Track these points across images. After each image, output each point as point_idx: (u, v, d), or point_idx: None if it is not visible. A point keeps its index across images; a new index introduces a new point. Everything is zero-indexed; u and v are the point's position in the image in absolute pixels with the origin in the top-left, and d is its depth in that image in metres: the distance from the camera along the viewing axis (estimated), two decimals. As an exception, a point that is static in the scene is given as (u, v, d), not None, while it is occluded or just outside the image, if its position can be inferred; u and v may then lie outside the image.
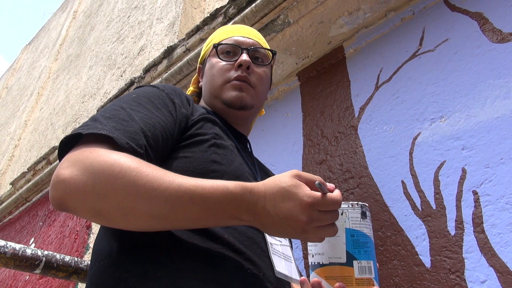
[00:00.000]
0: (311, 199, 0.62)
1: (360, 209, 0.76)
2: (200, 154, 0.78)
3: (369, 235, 0.75)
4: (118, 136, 0.66)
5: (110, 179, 0.59)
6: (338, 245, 0.72)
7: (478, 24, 1.29)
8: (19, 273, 2.77)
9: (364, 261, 0.72)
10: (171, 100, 0.82)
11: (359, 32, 1.65)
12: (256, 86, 1.00)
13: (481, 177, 1.08)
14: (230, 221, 0.65)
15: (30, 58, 7.23)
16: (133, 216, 0.60)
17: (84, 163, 0.61)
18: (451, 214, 1.09)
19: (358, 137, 1.44)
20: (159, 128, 0.74)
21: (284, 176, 0.66)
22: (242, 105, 0.96)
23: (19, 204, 3.46)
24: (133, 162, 0.61)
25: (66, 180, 0.60)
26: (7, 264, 0.87)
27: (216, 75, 0.99)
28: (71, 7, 6.62)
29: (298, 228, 0.63)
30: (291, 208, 0.62)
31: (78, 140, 0.68)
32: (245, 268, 0.71)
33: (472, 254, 1.02)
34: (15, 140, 5.04)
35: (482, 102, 1.17)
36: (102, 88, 3.58)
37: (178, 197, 0.60)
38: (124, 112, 0.73)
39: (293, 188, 0.63)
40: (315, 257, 0.74)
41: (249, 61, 0.98)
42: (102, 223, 0.63)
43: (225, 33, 1.06)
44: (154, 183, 0.60)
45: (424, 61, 1.38)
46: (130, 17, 3.96)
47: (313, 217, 0.62)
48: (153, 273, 0.64)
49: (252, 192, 0.64)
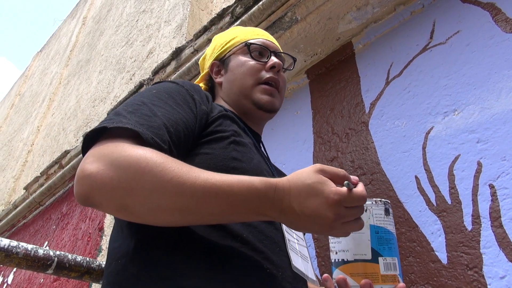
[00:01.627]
0: (337, 196, 0.61)
1: (384, 205, 0.75)
2: (220, 151, 0.78)
3: (392, 232, 0.75)
4: (143, 131, 0.65)
5: (136, 174, 0.58)
6: (363, 241, 0.72)
7: (490, 14, 1.26)
8: (33, 276, 2.80)
9: (389, 257, 0.72)
10: (191, 97, 0.82)
11: (368, 27, 1.63)
12: (281, 90, 1.03)
13: (497, 170, 1.05)
14: (256, 217, 0.65)
15: (41, 65, 7.34)
16: (159, 211, 0.60)
17: (110, 157, 0.60)
18: (467, 209, 1.07)
19: (370, 133, 1.42)
20: (181, 125, 0.74)
21: (308, 172, 0.64)
22: (273, 109, 0.99)
23: (32, 208, 3.50)
24: (159, 157, 0.61)
25: (92, 175, 0.59)
26: (19, 264, 0.87)
27: (248, 73, 0.99)
28: (80, 13, 6.71)
29: (325, 225, 0.62)
30: (317, 205, 0.61)
31: (101, 135, 0.67)
32: (264, 267, 0.69)
33: (490, 249, 0.99)
34: (28, 146, 5.11)
35: (497, 94, 1.14)
36: (112, 92, 3.61)
37: (204, 192, 0.60)
38: (147, 107, 0.72)
39: (319, 185, 0.62)
40: (339, 254, 0.74)
41: (281, 64, 1.01)
42: (127, 218, 0.63)
43: (251, 33, 1.07)
44: (180, 178, 0.59)
45: (435, 54, 1.36)
46: (138, 21, 3.99)
47: (340, 214, 0.61)
48: (173, 272, 0.64)
49: (277, 189, 0.63)
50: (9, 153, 5.76)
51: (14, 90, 8.02)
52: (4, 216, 3.76)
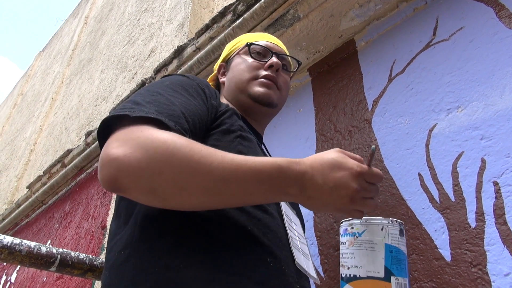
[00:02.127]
0: (360, 168, 0.66)
1: (399, 226, 0.77)
2: (227, 143, 0.79)
3: (405, 253, 0.76)
4: (166, 119, 0.66)
5: (164, 156, 0.59)
6: (377, 259, 0.72)
7: (494, 10, 1.25)
8: (36, 274, 2.80)
9: (401, 278, 0.73)
10: (202, 90, 0.83)
11: (371, 24, 1.62)
12: (282, 89, 1.04)
13: (501, 167, 1.05)
14: (278, 196, 0.66)
15: (43, 65, 7.35)
16: (187, 193, 0.60)
17: (136, 141, 0.60)
18: (471, 206, 1.06)
19: (372, 130, 1.41)
20: (197, 115, 0.75)
21: (330, 151, 0.69)
22: (269, 102, 0.99)
23: (35, 207, 3.50)
24: (184, 139, 0.62)
25: (120, 158, 0.58)
26: (22, 261, 0.87)
27: (245, 70, 1.01)
28: (82, 12, 6.71)
29: (347, 197, 0.65)
30: (342, 176, 0.65)
31: (121, 122, 0.66)
32: (268, 261, 0.70)
33: (494, 246, 0.98)
34: (30, 145, 5.12)
35: (501, 90, 1.13)
36: (114, 91, 3.61)
37: (232, 171, 0.61)
38: (163, 97, 0.72)
39: (343, 159, 0.66)
40: (351, 269, 0.74)
41: (280, 63, 1.02)
42: (154, 202, 0.62)
43: (256, 37, 1.10)
44: (208, 159, 0.60)
45: (438, 51, 1.35)
46: (140, 20, 3.99)
47: (362, 186, 0.66)
48: (176, 264, 0.63)
49: (299, 164, 0.66)
50: (12, 153, 5.78)
51: (17, 90, 8.04)
52: (7, 215, 3.77)
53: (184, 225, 0.67)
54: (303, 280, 0.78)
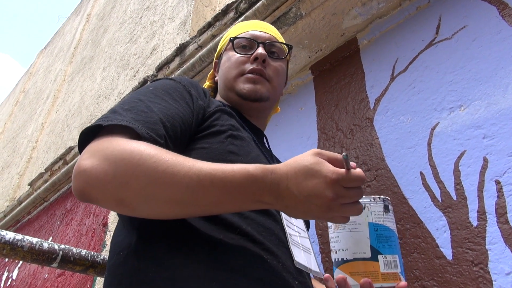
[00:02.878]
0: (335, 175, 0.60)
1: (383, 202, 0.74)
2: (217, 145, 0.78)
3: (392, 229, 0.73)
4: (138, 127, 0.65)
5: (130, 167, 0.59)
6: (362, 240, 0.71)
7: (497, 9, 1.25)
8: (38, 271, 2.81)
9: (389, 255, 0.71)
10: (188, 92, 0.82)
11: (373, 22, 1.62)
12: (272, 80, 1.00)
13: (503, 166, 1.04)
14: (253, 205, 0.64)
15: (45, 62, 7.36)
16: (155, 203, 0.60)
17: (104, 152, 0.60)
18: (472, 205, 1.06)
19: (374, 129, 1.41)
20: (178, 119, 0.74)
21: (305, 155, 0.64)
22: (257, 97, 0.96)
23: (37, 204, 3.51)
24: (152, 149, 0.61)
25: (87, 170, 0.59)
26: (24, 257, 0.88)
27: (231, 67, 0.99)
28: (84, 10, 6.72)
29: (323, 206, 0.61)
30: (315, 185, 0.60)
31: (97, 132, 0.67)
32: (264, 258, 0.69)
33: (496, 245, 0.98)
34: (32, 142, 5.13)
35: (504, 89, 1.13)
36: (116, 88, 3.62)
37: (199, 181, 0.59)
38: (143, 104, 0.72)
39: (316, 166, 0.61)
40: (339, 253, 0.73)
41: (265, 54, 0.98)
42: (124, 212, 0.63)
43: (242, 28, 1.07)
44: (174, 169, 0.59)
45: (441, 49, 1.35)
46: (142, 17, 3.99)
47: (339, 193, 0.60)
48: (173, 263, 0.64)
49: (273, 173, 0.63)
50: (14, 150, 5.79)
51: (19, 87, 8.05)
52: (9, 211, 3.78)
53: (181, 226, 0.67)
54: (303, 276, 0.77)
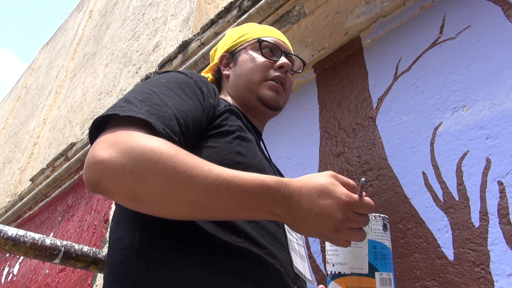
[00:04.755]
0: (348, 198, 0.63)
1: (382, 221, 0.77)
2: (225, 145, 0.78)
3: (389, 247, 0.77)
4: (155, 122, 0.64)
5: (150, 164, 0.58)
6: (360, 255, 0.73)
7: (502, 9, 1.24)
8: (39, 266, 2.82)
9: (385, 272, 0.73)
10: (200, 89, 0.81)
11: (377, 21, 1.61)
12: (287, 91, 1.03)
13: (506, 167, 1.04)
14: (263, 215, 0.65)
15: (47, 58, 7.36)
16: (170, 203, 0.60)
17: (123, 145, 0.59)
18: (475, 206, 1.06)
19: (377, 128, 1.41)
20: (190, 116, 0.73)
21: (321, 175, 0.66)
22: (277, 106, 0.99)
23: (38, 200, 3.52)
24: (172, 148, 0.61)
25: (105, 161, 0.58)
26: (26, 253, 0.88)
27: (256, 69, 0.99)
28: (87, 6, 6.71)
29: (331, 226, 0.63)
30: (328, 204, 0.62)
31: (111, 121, 0.66)
32: (268, 262, 0.70)
33: (497, 246, 0.98)
34: (34, 138, 5.14)
35: (507, 90, 1.12)
36: (118, 85, 3.62)
37: (216, 186, 0.60)
38: (157, 96, 0.71)
39: (331, 186, 0.64)
40: (336, 266, 0.74)
41: (290, 64, 1.01)
42: (136, 207, 0.62)
43: (265, 31, 1.07)
44: (193, 171, 0.59)
45: (445, 49, 1.34)
46: (144, 14, 3.99)
47: (348, 217, 0.63)
48: (178, 265, 0.64)
49: (287, 186, 0.64)
50: (15, 145, 5.80)
51: (21, 83, 8.06)
52: (11, 207, 3.79)
53: (186, 226, 0.67)
54: (300, 281, 0.79)
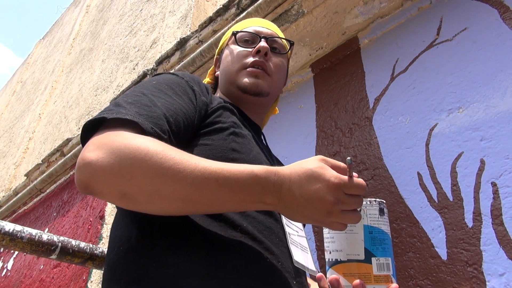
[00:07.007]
0: (338, 180, 0.62)
1: (378, 205, 0.75)
2: (219, 142, 0.78)
3: (386, 232, 0.75)
4: (142, 121, 0.65)
5: (136, 162, 0.59)
6: (356, 242, 0.72)
7: (498, 12, 1.26)
8: (34, 262, 2.82)
9: (382, 258, 0.72)
10: (191, 88, 0.82)
11: (375, 22, 1.62)
12: (273, 74, 0.99)
13: (500, 168, 1.06)
14: (254, 205, 0.65)
15: (44, 53, 7.31)
16: (159, 199, 0.60)
17: (110, 146, 0.60)
18: (468, 206, 1.07)
19: (373, 128, 1.42)
20: (181, 115, 0.74)
21: (309, 160, 0.66)
22: (258, 91, 0.96)
23: (33, 195, 3.51)
24: (159, 145, 0.61)
25: (92, 162, 0.59)
26: (24, 248, 0.88)
27: (233, 60, 0.99)
28: (84, 1, 6.67)
29: (323, 210, 0.62)
30: (317, 188, 0.62)
31: (101, 125, 0.67)
32: (264, 257, 0.70)
33: (490, 246, 1.00)
34: (29, 133, 5.12)
35: (503, 92, 1.14)
36: (115, 81, 3.60)
37: (204, 179, 0.60)
38: (146, 98, 0.72)
39: (320, 170, 0.63)
40: (333, 253, 0.74)
41: (267, 47, 0.98)
42: (127, 206, 0.63)
43: (244, 24, 1.07)
44: (180, 166, 0.60)
45: (441, 51, 1.35)
46: (142, 10, 3.97)
47: (340, 199, 0.62)
48: (174, 260, 0.64)
49: (277, 174, 0.64)
50: (10, 140, 5.77)
51: (16, 77, 8.00)
52: (5, 202, 3.77)
53: (182, 222, 0.68)
54: (300, 276, 0.79)
